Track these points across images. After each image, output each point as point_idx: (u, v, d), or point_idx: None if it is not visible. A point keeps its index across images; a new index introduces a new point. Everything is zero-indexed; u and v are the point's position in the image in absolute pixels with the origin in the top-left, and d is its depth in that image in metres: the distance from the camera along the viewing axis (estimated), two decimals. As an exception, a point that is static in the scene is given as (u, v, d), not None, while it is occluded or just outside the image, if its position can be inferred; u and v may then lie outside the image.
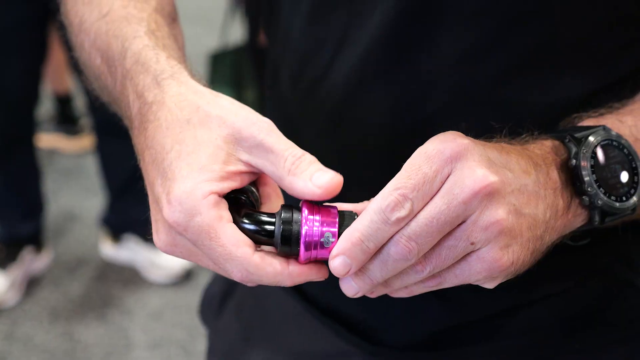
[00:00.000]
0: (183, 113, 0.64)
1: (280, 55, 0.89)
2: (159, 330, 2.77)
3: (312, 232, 0.62)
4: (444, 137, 0.62)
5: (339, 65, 0.79)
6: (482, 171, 0.60)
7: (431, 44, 0.75)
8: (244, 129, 0.63)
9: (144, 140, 0.65)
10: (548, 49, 0.74)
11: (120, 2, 0.78)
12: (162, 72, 0.68)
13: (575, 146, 0.68)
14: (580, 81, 0.75)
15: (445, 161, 0.60)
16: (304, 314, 0.91)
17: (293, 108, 0.84)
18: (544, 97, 0.75)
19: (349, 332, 0.88)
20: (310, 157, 0.63)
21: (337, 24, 0.80)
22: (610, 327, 0.85)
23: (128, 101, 0.70)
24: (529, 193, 0.63)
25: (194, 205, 0.60)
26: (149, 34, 0.73)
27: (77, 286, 2.96)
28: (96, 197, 3.42)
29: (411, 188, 0.60)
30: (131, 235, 3.03)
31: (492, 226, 0.60)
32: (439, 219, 0.60)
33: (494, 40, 0.74)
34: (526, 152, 0.66)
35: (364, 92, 0.78)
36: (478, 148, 0.62)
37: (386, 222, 0.60)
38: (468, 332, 0.83)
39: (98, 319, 2.80)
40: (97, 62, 0.76)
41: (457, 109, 0.76)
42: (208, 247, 0.60)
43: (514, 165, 0.63)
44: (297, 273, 0.63)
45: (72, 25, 0.81)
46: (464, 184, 0.60)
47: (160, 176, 0.62)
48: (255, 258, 0.61)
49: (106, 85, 0.76)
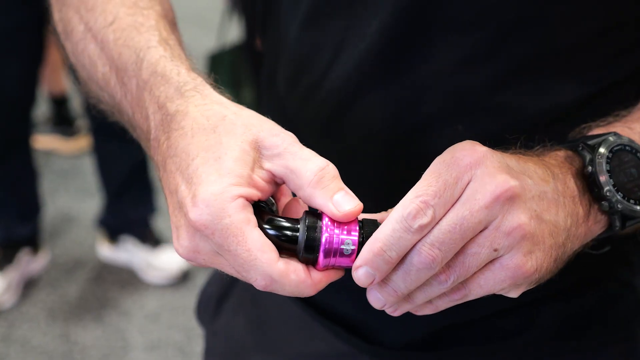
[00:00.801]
0: (209, 122, 0.64)
1: (276, 59, 0.89)
2: (156, 331, 2.76)
3: (332, 240, 0.62)
4: (462, 146, 0.62)
5: (336, 70, 0.79)
6: (503, 176, 0.60)
7: (428, 50, 0.75)
8: (267, 138, 0.63)
9: (167, 149, 0.65)
10: (544, 55, 0.74)
11: (125, 10, 0.77)
12: (185, 83, 0.68)
13: (589, 153, 0.68)
14: (575, 86, 0.75)
15: (465, 168, 0.60)
16: (302, 315, 0.91)
17: (290, 111, 0.84)
18: (540, 102, 0.75)
19: (348, 333, 0.87)
20: (334, 170, 0.63)
21: (335, 29, 0.80)
22: (609, 327, 0.86)
23: (146, 113, 0.69)
24: (548, 200, 0.63)
25: (222, 207, 0.59)
26: (163, 43, 0.73)
27: (74, 288, 2.95)
28: (93, 198, 3.42)
29: (432, 195, 0.60)
30: (128, 236, 3.02)
31: (514, 231, 0.60)
32: (461, 225, 0.60)
33: (491, 46, 0.74)
34: (543, 162, 0.66)
35: (361, 97, 0.78)
36: (496, 155, 0.62)
37: (408, 230, 0.60)
38: (467, 332, 0.83)
39: (95, 321, 2.79)
40: (102, 70, 0.76)
41: (453, 113, 0.76)
42: (234, 253, 0.60)
43: (532, 173, 0.63)
44: (318, 280, 0.62)
45: (73, 32, 0.80)
46: (485, 189, 0.60)
47: (185, 181, 0.62)
48: (279, 265, 0.60)
49: (113, 94, 0.75)
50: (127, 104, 0.74)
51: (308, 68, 0.83)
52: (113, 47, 0.75)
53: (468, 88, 0.75)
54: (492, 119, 0.75)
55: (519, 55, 0.74)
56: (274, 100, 0.89)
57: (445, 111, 0.76)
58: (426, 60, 0.75)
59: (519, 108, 0.75)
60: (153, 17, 0.77)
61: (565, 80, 0.75)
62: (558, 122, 0.76)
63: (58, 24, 0.85)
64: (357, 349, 0.87)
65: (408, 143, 0.77)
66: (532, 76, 0.75)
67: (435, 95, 0.76)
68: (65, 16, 0.82)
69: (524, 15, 0.73)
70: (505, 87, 0.75)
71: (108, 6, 0.78)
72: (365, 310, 0.86)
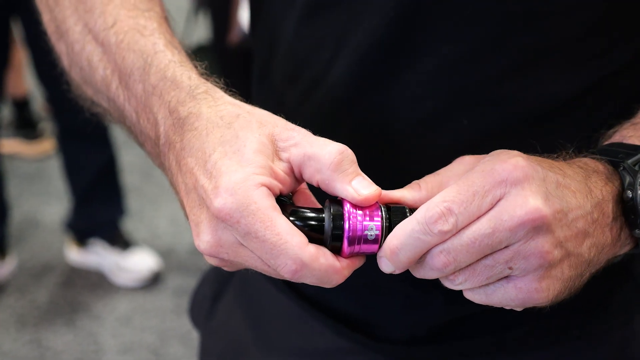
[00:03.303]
0: (223, 120, 0.64)
1: (271, 53, 0.88)
2: (128, 334, 2.74)
3: (356, 227, 0.62)
4: (504, 158, 0.62)
5: (338, 65, 0.79)
6: (536, 203, 0.60)
7: (430, 45, 0.75)
8: (283, 131, 0.63)
9: (181, 150, 0.64)
10: (548, 46, 0.75)
11: (125, 12, 0.76)
12: (197, 87, 0.68)
13: (629, 175, 0.67)
14: (574, 76, 0.76)
15: (500, 183, 0.60)
16: (301, 313, 0.91)
17: (290, 106, 0.83)
18: (540, 94, 0.76)
19: (349, 330, 0.87)
20: (352, 155, 0.63)
21: (335, 23, 0.79)
22: (608, 314, 0.87)
23: (155, 118, 0.69)
24: (577, 230, 0.63)
25: (247, 195, 0.59)
26: (170, 47, 0.73)
27: (44, 292, 2.92)
28: (59, 201, 3.38)
29: (459, 203, 0.60)
30: (97, 239, 3.00)
31: (534, 257, 0.61)
32: (481, 241, 0.60)
33: (495, 39, 0.74)
34: (586, 184, 0.65)
35: (364, 93, 0.78)
36: (538, 176, 0.61)
37: (427, 233, 0.60)
38: (470, 324, 0.84)
39: (66, 325, 2.76)
40: (102, 74, 0.75)
41: (457, 107, 0.76)
42: (262, 238, 0.59)
43: (571, 199, 0.63)
44: (345, 266, 0.62)
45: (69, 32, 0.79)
46: (514, 212, 0.60)
47: (205, 176, 0.61)
48: (310, 248, 0.60)
49: (113, 98, 0.74)
50: (130, 109, 0.73)
51: (309, 63, 0.82)
52: (116, 50, 0.74)
53: (472, 82, 0.75)
54: (497, 112, 0.76)
55: (523, 47, 0.74)
56: (269, 95, 0.89)
57: (450, 105, 0.76)
58: (430, 55, 0.75)
59: (523, 100, 0.76)
60: (155, 20, 0.76)
61: (566, 71, 0.76)
62: (561, 112, 0.76)
63: (49, 24, 0.83)
64: (360, 345, 0.87)
65: (413, 138, 0.77)
66: (535, 68, 0.75)
67: (440, 89, 0.76)
68: (60, 16, 0.80)
69: (530, 7, 0.73)
70: (510, 79, 0.75)
71: (108, 7, 0.77)
72: (367, 307, 0.87)
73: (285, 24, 0.84)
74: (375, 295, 0.86)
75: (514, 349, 0.85)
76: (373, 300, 0.86)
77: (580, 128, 0.77)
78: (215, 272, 1.05)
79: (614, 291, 0.86)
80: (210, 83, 0.69)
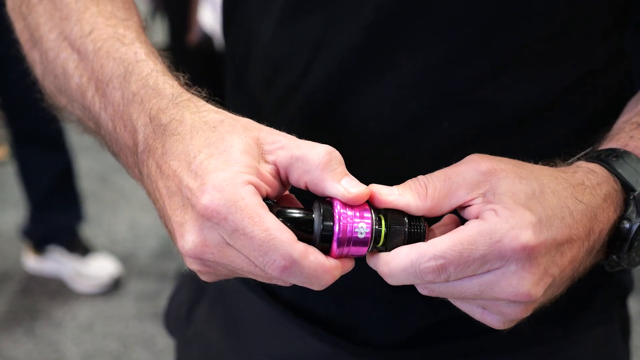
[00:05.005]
0: (208, 125, 0.63)
1: (247, 58, 0.87)
2: (90, 341, 2.71)
3: (347, 227, 0.62)
4: (514, 226, 0.61)
5: (315, 70, 0.79)
6: (529, 289, 0.61)
7: (413, 48, 0.75)
8: (268, 135, 0.63)
9: (162, 155, 0.63)
10: (528, 47, 0.75)
11: (103, 20, 0.75)
12: (180, 95, 0.67)
13: (635, 207, 0.68)
14: (555, 76, 0.77)
15: (503, 258, 0.60)
16: (280, 318, 0.90)
17: (267, 111, 0.83)
18: (521, 95, 0.76)
19: (329, 335, 0.87)
20: (340, 156, 0.64)
21: (312, 27, 0.79)
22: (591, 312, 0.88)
23: (133, 126, 0.68)
24: (564, 279, 0.66)
25: (235, 191, 0.58)
26: (151, 57, 0.72)
27: (2, 301, 2.87)
28: (15, 208, 3.33)
29: (456, 264, 0.60)
30: (55, 246, 2.96)
31: (510, 314, 0.64)
32: (466, 295, 0.62)
33: (476, 42, 0.74)
34: (592, 224, 0.66)
35: (344, 97, 0.78)
36: (549, 258, 0.62)
37: (418, 278, 0.62)
38: (453, 326, 0.84)
39: (26, 334, 2.72)
40: (78, 81, 0.73)
41: (438, 110, 0.76)
42: (250, 235, 0.58)
43: (567, 265, 0.64)
44: (335, 265, 0.62)
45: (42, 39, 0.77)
46: (506, 288, 0.61)
47: (189, 176, 0.60)
48: (300, 244, 0.59)
49: (89, 106, 0.73)
50: (106, 117, 0.72)
51: (284, 68, 0.81)
52: (93, 58, 0.73)
53: (453, 85, 0.75)
54: (477, 115, 0.76)
55: (504, 49, 0.74)
56: (245, 100, 0.88)
57: (431, 108, 0.76)
58: (411, 57, 0.75)
59: (504, 101, 0.76)
60: (134, 29, 0.75)
61: (548, 70, 0.76)
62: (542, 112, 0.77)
63: (22, 32, 0.81)
64: (341, 349, 0.86)
65: (393, 141, 0.77)
66: (516, 69, 0.75)
67: (420, 92, 0.76)
68: (33, 23, 0.79)
69: (510, 10, 0.73)
70: (491, 81, 0.75)
71: (84, 15, 0.75)
72: (348, 311, 0.87)
73: (262, 28, 0.83)
74: (355, 299, 0.85)
75: (496, 351, 0.86)
76: (353, 304, 0.86)
77: (562, 128, 0.78)
78: (191, 279, 1.03)
79: (595, 290, 0.87)
80: (192, 93, 0.68)
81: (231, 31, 0.93)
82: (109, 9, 0.77)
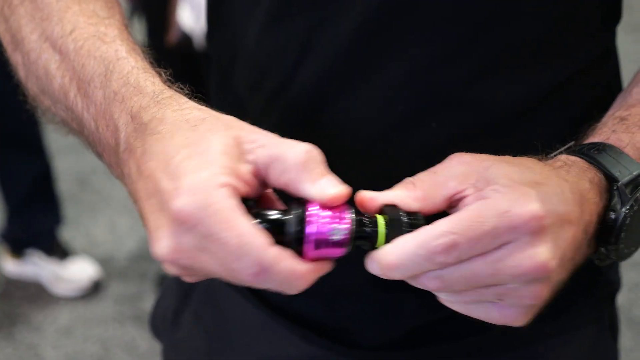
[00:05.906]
0: (189, 123, 0.62)
1: (232, 61, 0.86)
2: (70, 345, 2.69)
3: (320, 230, 0.60)
4: (526, 200, 0.60)
5: (303, 73, 0.78)
6: (546, 258, 0.59)
7: (402, 49, 0.74)
8: (249, 134, 0.62)
9: (141, 155, 0.62)
10: (518, 48, 0.75)
11: (85, 19, 0.74)
12: (161, 92, 0.66)
13: (619, 197, 0.68)
14: (544, 75, 0.77)
15: (514, 229, 0.59)
16: (268, 322, 0.89)
17: (253, 116, 0.82)
18: (511, 94, 0.76)
19: (319, 337, 0.86)
20: (320, 154, 0.62)
21: (299, 30, 0.78)
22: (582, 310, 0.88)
23: (115, 125, 0.66)
24: (569, 266, 0.64)
25: (209, 194, 0.57)
26: (132, 54, 0.71)
27: (-20, 306, 2.85)
28: (-8, 212, 3.30)
29: (467, 239, 0.59)
30: (34, 249, 2.93)
31: (528, 299, 0.61)
32: (479, 278, 0.60)
33: (465, 42, 0.74)
34: (582, 208, 0.65)
35: (332, 99, 0.77)
36: (555, 232, 0.61)
37: (429, 260, 0.59)
38: (446, 327, 0.83)
39: (6, 339, 2.70)
40: (60, 82, 0.72)
41: (427, 111, 0.76)
42: (222, 240, 0.56)
43: (570, 243, 0.63)
44: (310, 270, 0.60)
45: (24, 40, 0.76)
46: (521, 261, 0.59)
47: (167, 177, 0.59)
48: (273, 249, 0.57)
49: (71, 107, 0.72)
50: (89, 117, 0.70)
51: (271, 72, 0.81)
52: (74, 57, 0.71)
53: (441, 85, 0.75)
54: (466, 115, 0.76)
55: (492, 49, 0.74)
56: (231, 103, 0.87)
57: (419, 110, 0.75)
58: (398, 59, 0.75)
59: (492, 102, 0.76)
60: (116, 27, 0.74)
61: (538, 70, 0.76)
62: (530, 111, 0.77)
63: (4, 35, 0.80)
64: (331, 351, 0.86)
65: (382, 143, 0.76)
66: (506, 70, 0.75)
67: (409, 93, 0.75)
68: (15, 25, 0.78)
69: (499, 9, 0.73)
70: (479, 82, 0.75)
71: (66, 15, 0.74)
72: (337, 313, 0.86)
73: (248, 30, 0.83)
74: (344, 301, 0.85)
75: (489, 352, 0.85)
76: (342, 305, 0.85)
77: (550, 127, 0.78)
78: (178, 282, 1.03)
79: (585, 288, 0.87)
80: (174, 90, 0.67)
81: (215, 36, 0.92)
82: (91, 7, 0.76)
